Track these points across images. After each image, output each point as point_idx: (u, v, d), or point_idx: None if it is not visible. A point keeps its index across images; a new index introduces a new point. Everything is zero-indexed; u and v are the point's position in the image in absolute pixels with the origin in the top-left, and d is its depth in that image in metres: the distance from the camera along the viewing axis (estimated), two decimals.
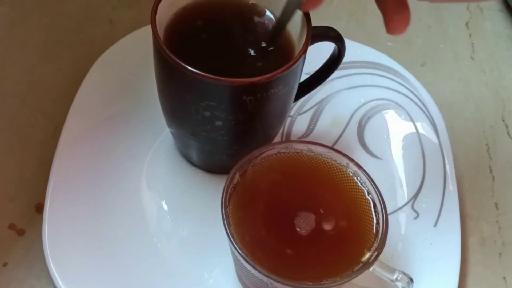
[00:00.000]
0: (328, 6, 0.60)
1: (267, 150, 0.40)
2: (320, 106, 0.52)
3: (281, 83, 0.39)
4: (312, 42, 0.40)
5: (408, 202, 0.47)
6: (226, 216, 0.37)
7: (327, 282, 0.36)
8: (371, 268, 0.37)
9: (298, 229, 0.38)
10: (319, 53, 0.43)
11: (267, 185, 0.40)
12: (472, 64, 0.60)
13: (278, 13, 0.41)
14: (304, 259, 0.37)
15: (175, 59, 0.37)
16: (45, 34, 0.55)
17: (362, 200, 0.40)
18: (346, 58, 0.44)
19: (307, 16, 0.40)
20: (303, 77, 0.44)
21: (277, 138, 0.49)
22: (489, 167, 0.52)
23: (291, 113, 0.51)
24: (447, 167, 0.49)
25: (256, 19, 0.43)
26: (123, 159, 0.47)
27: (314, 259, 0.37)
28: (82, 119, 0.48)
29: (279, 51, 0.42)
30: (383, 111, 0.52)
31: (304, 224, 0.38)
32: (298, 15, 0.41)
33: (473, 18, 0.63)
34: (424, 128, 0.51)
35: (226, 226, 0.36)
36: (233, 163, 0.39)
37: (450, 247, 0.45)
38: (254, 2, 0.44)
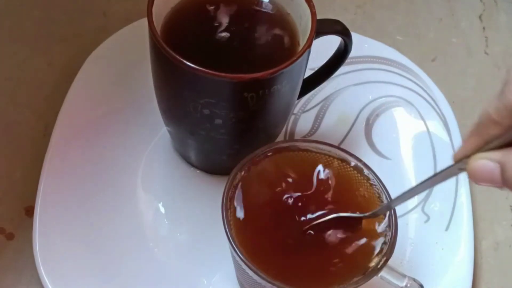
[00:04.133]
0: None
1: (270, 150, 0.40)
2: (325, 104, 0.52)
3: (284, 79, 0.39)
4: (317, 36, 0.40)
5: (418, 204, 0.47)
6: (227, 219, 0.37)
7: None
8: (379, 275, 0.37)
9: (302, 233, 0.38)
10: (324, 47, 0.43)
11: (270, 187, 0.40)
12: (485, 59, 0.60)
13: (283, 4, 0.40)
14: (309, 264, 0.37)
15: (173, 53, 0.37)
16: (36, 27, 0.55)
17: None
18: (353, 53, 0.44)
19: (312, 8, 0.40)
20: (308, 72, 0.44)
21: (280, 137, 0.49)
22: None
23: (295, 111, 0.51)
24: None
25: (258, 12, 0.43)
26: (117, 159, 0.47)
27: (319, 264, 0.37)
28: (75, 117, 0.48)
29: (282, 46, 0.42)
30: (392, 109, 0.52)
31: (309, 228, 0.38)
32: (303, 7, 0.41)
33: (487, 10, 0.63)
34: (435, 127, 0.51)
35: (227, 230, 0.36)
36: (234, 164, 0.39)
37: (463, 252, 0.45)
38: None
